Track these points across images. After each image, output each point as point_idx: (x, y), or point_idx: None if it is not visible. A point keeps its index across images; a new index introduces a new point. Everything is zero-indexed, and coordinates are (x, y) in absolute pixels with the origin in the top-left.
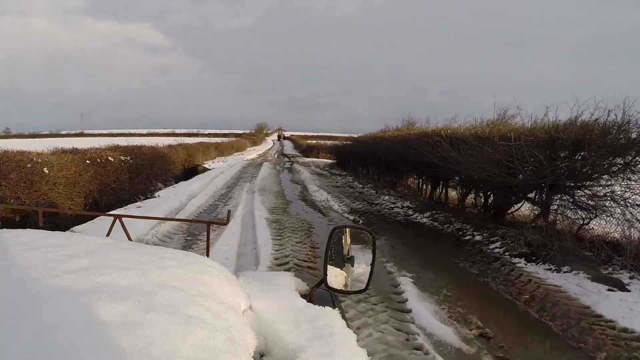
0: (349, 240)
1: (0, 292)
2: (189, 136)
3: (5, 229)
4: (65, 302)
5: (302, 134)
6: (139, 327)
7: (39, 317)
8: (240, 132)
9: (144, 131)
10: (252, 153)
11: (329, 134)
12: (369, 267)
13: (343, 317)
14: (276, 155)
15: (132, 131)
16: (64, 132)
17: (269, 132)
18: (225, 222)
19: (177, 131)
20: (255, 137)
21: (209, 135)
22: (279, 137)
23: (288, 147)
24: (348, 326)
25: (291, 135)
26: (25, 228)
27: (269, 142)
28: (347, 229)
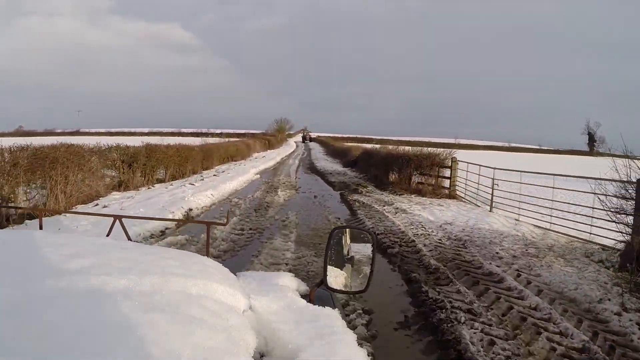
0: (348, 241)
1: (1, 293)
2: (197, 136)
3: (5, 229)
4: (66, 303)
5: (331, 135)
6: (139, 328)
7: (39, 317)
8: (259, 132)
9: (146, 130)
10: (239, 173)
11: (366, 136)
12: (369, 267)
13: (343, 317)
14: (297, 176)
15: (133, 130)
16: (59, 130)
17: (292, 132)
18: (225, 223)
19: (184, 130)
20: (273, 137)
21: (220, 135)
22: (303, 138)
23: (318, 152)
24: (348, 326)
25: (318, 136)
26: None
27: (291, 144)
28: (347, 230)
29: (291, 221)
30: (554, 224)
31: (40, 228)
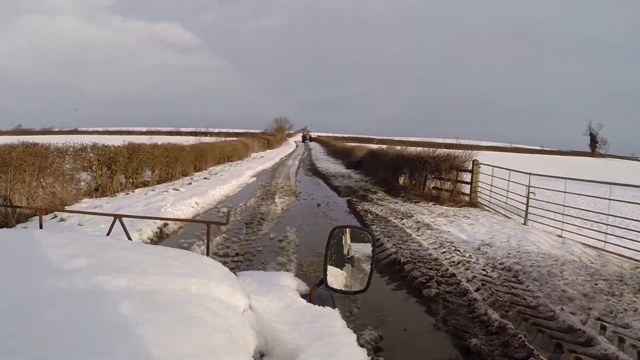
0: (349, 240)
1: (1, 293)
2: (195, 135)
3: (5, 229)
4: (66, 302)
5: (331, 134)
6: (139, 327)
7: (39, 317)
8: (258, 132)
9: (144, 129)
10: (233, 175)
11: (367, 136)
12: (369, 267)
13: (343, 317)
14: (297, 179)
15: (131, 129)
16: (56, 129)
17: (292, 132)
18: (225, 222)
19: (183, 129)
20: (273, 136)
21: (218, 134)
22: (304, 138)
23: (318, 152)
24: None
25: (318, 136)
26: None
27: (291, 144)
28: (347, 229)
29: (290, 241)
30: (608, 242)
31: (41, 227)
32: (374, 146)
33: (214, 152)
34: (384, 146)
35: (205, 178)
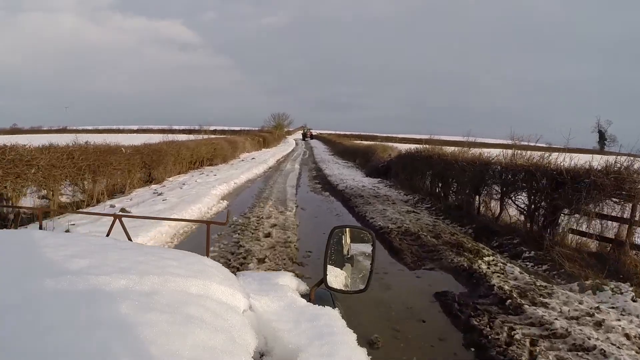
0: (348, 240)
1: (1, 292)
2: (189, 133)
3: (4, 229)
4: (65, 303)
5: (333, 132)
6: (139, 327)
7: (38, 317)
8: (255, 129)
9: (135, 127)
10: (184, 199)
11: (370, 134)
12: (369, 267)
13: (343, 316)
14: (297, 204)
15: (122, 127)
16: (45, 128)
17: (291, 130)
18: (224, 222)
19: (175, 127)
20: (270, 134)
21: (214, 132)
22: (304, 135)
23: (322, 151)
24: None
25: (319, 133)
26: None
27: (290, 142)
28: (347, 229)
29: None
30: None
31: (40, 228)
32: (405, 146)
33: (179, 155)
34: (427, 146)
35: (123, 208)
